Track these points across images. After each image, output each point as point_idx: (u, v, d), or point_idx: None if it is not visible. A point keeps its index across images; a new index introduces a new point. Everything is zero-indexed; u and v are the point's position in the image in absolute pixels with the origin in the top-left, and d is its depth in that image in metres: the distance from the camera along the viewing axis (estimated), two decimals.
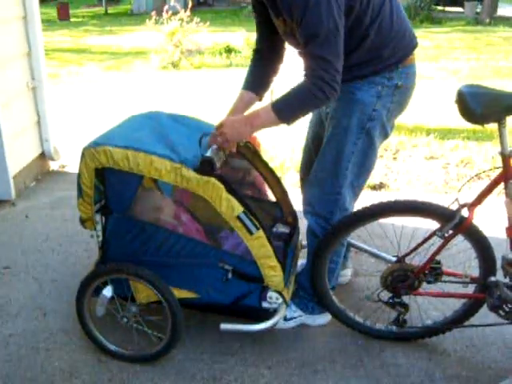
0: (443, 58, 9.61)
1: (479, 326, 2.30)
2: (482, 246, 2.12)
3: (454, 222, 2.04)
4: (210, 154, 1.99)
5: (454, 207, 2.07)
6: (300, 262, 2.59)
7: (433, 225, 2.12)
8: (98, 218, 2.18)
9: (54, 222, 3.50)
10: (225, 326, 2.19)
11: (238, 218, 2.01)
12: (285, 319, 2.39)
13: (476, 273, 2.19)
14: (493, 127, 1.96)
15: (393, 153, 4.68)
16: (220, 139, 2.06)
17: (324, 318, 2.47)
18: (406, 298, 2.26)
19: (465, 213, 2.05)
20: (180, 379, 2.18)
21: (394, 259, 2.28)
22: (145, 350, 2.28)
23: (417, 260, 2.22)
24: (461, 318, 2.27)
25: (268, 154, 4.44)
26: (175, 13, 9.45)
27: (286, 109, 1.99)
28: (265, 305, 2.16)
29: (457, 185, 4.04)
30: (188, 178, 1.97)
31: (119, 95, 7.22)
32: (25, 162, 4.02)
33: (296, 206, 2.54)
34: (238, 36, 11.00)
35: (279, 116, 1.98)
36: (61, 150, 4.45)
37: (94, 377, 2.20)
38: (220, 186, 1.97)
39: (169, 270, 2.15)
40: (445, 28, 14.80)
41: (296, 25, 1.90)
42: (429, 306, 2.49)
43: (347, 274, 2.78)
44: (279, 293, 2.14)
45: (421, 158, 4.57)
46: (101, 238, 2.22)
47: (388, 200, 2.16)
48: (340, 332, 2.43)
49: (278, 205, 2.57)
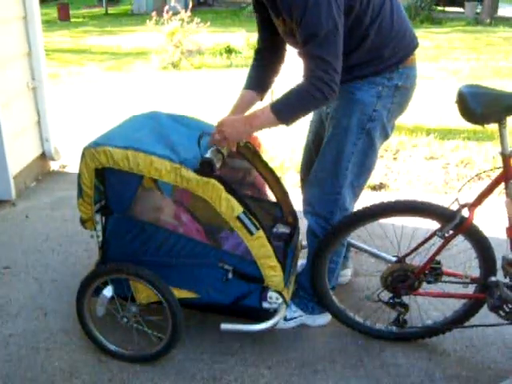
0: (443, 58, 9.61)
1: (479, 326, 2.30)
2: (482, 246, 2.12)
3: (454, 223, 2.04)
4: (210, 155, 1.98)
5: (454, 207, 2.07)
6: (300, 262, 2.59)
7: (433, 225, 2.12)
8: (98, 218, 2.19)
9: (54, 222, 3.51)
10: (225, 326, 2.19)
11: (238, 219, 2.01)
12: (285, 319, 2.39)
13: (476, 273, 2.19)
14: (493, 127, 1.96)
15: (393, 153, 4.68)
16: (218, 136, 2.06)
17: (324, 318, 2.47)
18: (406, 298, 2.26)
19: (465, 213, 2.05)
20: (180, 379, 2.18)
21: (394, 259, 2.28)
22: (145, 350, 2.28)
23: (417, 260, 2.22)
24: (461, 319, 2.27)
25: (268, 155, 4.44)
26: (175, 13, 9.46)
27: (285, 110, 1.99)
28: (265, 305, 2.16)
29: (457, 185, 4.04)
30: (188, 178, 1.97)
31: (119, 95, 7.22)
32: (25, 162, 4.02)
33: (296, 206, 2.54)
34: (238, 36, 11.00)
35: (278, 117, 1.98)
36: (61, 150, 4.45)
37: (94, 377, 2.20)
38: (220, 187, 1.97)
39: (169, 270, 2.15)
40: (445, 28, 14.81)
41: (296, 25, 1.90)
42: (429, 307, 2.49)
43: (347, 274, 2.78)
44: (279, 293, 2.14)
45: (421, 158, 4.57)
46: (101, 238, 2.22)
47: (388, 200, 2.16)
48: (340, 332, 2.43)
49: (278, 205, 2.57)
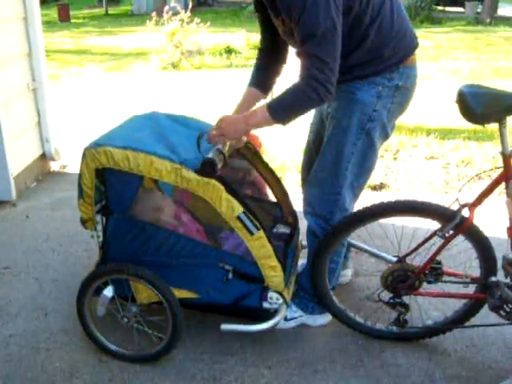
0: (443, 58, 9.61)
1: (480, 326, 2.30)
2: (482, 246, 2.11)
3: (454, 222, 2.04)
4: (212, 156, 1.98)
5: (454, 207, 2.07)
6: (300, 263, 2.59)
7: (433, 225, 2.12)
8: (99, 218, 2.19)
9: (55, 222, 3.51)
10: (225, 327, 2.19)
11: (238, 219, 2.01)
12: (285, 319, 2.39)
13: (477, 273, 2.19)
14: (493, 127, 1.96)
15: (393, 153, 4.68)
16: (215, 132, 2.07)
17: (324, 318, 2.47)
18: (406, 298, 2.26)
19: (465, 213, 2.05)
20: (180, 379, 2.18)
21: (394, 259, 2.28)
22: (145, 350, 2.28)
23: (417, 260, 2.22)
24: (461, 318, 2.27)
25: (269, 155, 4.44)
26: (175, 13, 9.45)
27: (281, 109, 1.99)
28: (265, 305, 2.16)
29: (457, 185, 4.04)
30: (188, 178, 1.97)
31: (120, 96, 7.22)
32: (26, 162, 4.02)
33: (296, 206, 2.54)
34: (238, 36, 11.00)
35: (273, 116, 1.98)
36: (61, 151, 4.45)
37: (94, 377, 2.20)
38: (220, 187, 1.97)
39: (169, 270, 2.15)
40: (445, 28, 14.81)
41: (294, 24, 1.90)
42: (429, 307, 2.49)
43: (347, 274, 2.78)
44: (280, 293, 2.14)
45: (421, 158, 4.57)
46: (101, 239, 2.22)
47: (388, 200, 2.16)
48: (340, 332, 2.43)
49: (278, 205, 2.57)
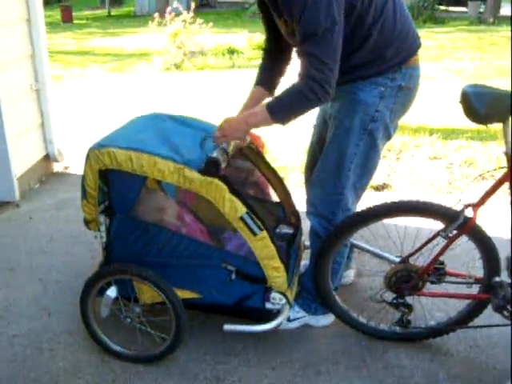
0: (446, 58, 9.59)
1: (483, 326, 2.29)
2: (486, 246, 2.11)
3: (457, 223, 2.04)
4: (216, 155, 1.99)
5: (457, 207, 2.06)
6: (303, 263, 2.59)
7: (436, 225, 2.12)
8: (102, 219, 2.19)
9: (58, 223, 3.51)
10: (228, 327, 2.19)
11: (241, 219, 2.02)
12: (288, 320, 2.39)
13: (480, 273, 2.19)
14: (497, 127, 1.96)
15: (396, 153, 4.67)
16: (218, 134, 2.09)
17: (327, 319, 2.47)
18: (409, 299, 2.26)
19: (469, 213, 2.04)
20: (183, 380, 2.18)
21: (397, 260, 2.28)
22: (148, 350, 2.28)
23: (420, 260, 2.21)
24: (465, 319, 2.27)
25: (271, 155, 4.43)
26: (178, 14, 9.46)
27: (279, 110, 2.00)
28: (268, 306, 2.16)
29: (460, 185, 4.04)
30: (191, 178, 1.97)
31: (122, 97, 7.23)
32: (29, 163, 4.03)
33: (299, 206, 2.54)
34: (240, 37, 11.01)
35: (272, 116, 1.99)
36: (64, 152, 4.46)
37: (97, 377, 2.20)
38: (223, 187, 1.98)
39: (172, 270, 2.15)
40: (448, 28, 14.78)
41: (295, 24, 1.89)
42: (432, 307, 2.49)
43: (350, 275, 2.77)
44: (282, 293, 2.14)
45: (424, 159, 4.56)
46: (105, 239, 2.22)
47: (391, 200, 2.16)
48: (343, 333, 2.42)
49: (281, 205, 2.57)
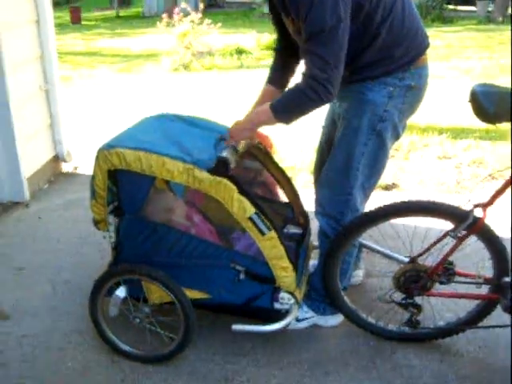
0: (455, 57, 9.54)
1: (493, 327, 2.28)
2: (495, 246, 2.10)
3: (467, 223, 2.03)
4: (226, 154, 1.99)
5: (467, 207, 2.06)
6: (312, 263, 2.59)
7: (446, 225, 2.11)
8: (111, 219, 2.20)
9: (67, 223, 3.53)
10: (237, 327, 2.20)
11: (250, 219, 2.02)
12: (297, 320, 2.39)
13: (489, 273, 2.18)
14: (506, 126, 1.95)
15: (404, 153, 4.65)
16: (229, 136, 2.12)
17: (336, 319, 2.47)
18: (418, 299, 2.25)
19: (478, 213, 2.04)
20: (192, 379, 2.19)
21: (406, 260, 2.27)
22: (157, 350, 2.29)
23: (429, 261, 2.21)
24: (474, 319, 2.26)
25: (280, 155, 4.43)
26: (186, 15, 9.47)
27: (282, 109, 2.00)
28: (277, 306, 2.16)
29: (469, 185, 4.02)
30: (200, 178, 1.98)
31: (131, 97, 7.25)
32: (38, 164, 4.05)
33: (308, 206, 2.53)
34: (248, 37, 11.01)
35: (275, 115, 2.00)
36: (73, 152, 4.48)
37: (107, 377, 2.21)
38: (232, 187, 1.98)
39: (181, 270, 2.15)
40: (456, 27, 14.70)
41: (302, 22, 1.89)
42: (442, 307, 2.48)
43: (359, 275, 2.77)
44: (291, 293, 2.14)
45: (433, 158, 4.54)
46: (114, 239, 2.23)
47: (400, 200, 2.15)
48: (352, 333, 2.42)
49: (290, 205, 2.57)
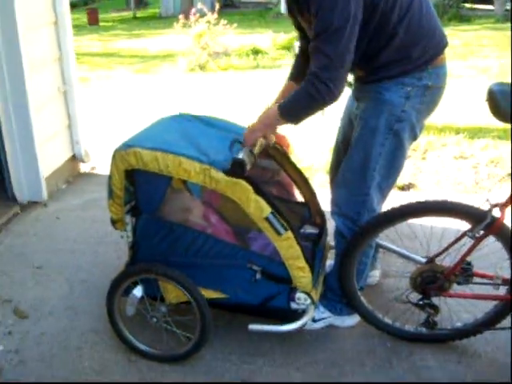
0: (472, 56, 9.45)
1: (511, 328, 2.26)
2: None
3: (485, 223, 2.01)
4: (242, 156, 2.00)
5: (484, 207, 2.04)
6: (328, 263, 2.58)
7: (463, 225, 2.10)
8: (128, 218, 2.21)
9: (85, 223, 3.56)
10: (253, 327, 2.20)
11: (267, 219, 2.02)
12: (313, 320, 2.39)
13: (508, 274, 2.16)
14: None
15: (422, 152, 4.62)
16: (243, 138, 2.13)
17: (352, 319, 2.46)
18: (435, 300, 2.24)
19: (496, 213, 2.02)
20: (209, 379, 2.19)
21: (423, 260, 2.26)
22: (174, 349, 2.30)
23: (447, 261, 2.19)
24: (492, 320, 2.24)
25: (297, 156, 4.42)
26: (202, 15, 9.51)
27: (289, 110, 2.01)
28: (293, 306, 2.16)
29: (487, 185, 3.98)
30: (217, 179, 1.98)
31: (148, 98, 7.28)
32: (56, 164, 4.09)
33: (324, 206, 2.53)
34: (264, 37, 11.00)
35: (282, 116, 2.01)
36: (91, 153, 4.52)
37: (124, 376, 2.23)
38: (248, 188, 1.98)
39: (197, 270, 2.16)
40: (474, 26, 14.54)
41: (313, 19, 1.89)
42: (459, 308, 2.45)
43: (376, 275, 2.76)
44: (307, 294, 2.14)
45: (450, 158, 4.50)
46: (131, 239, 2.25)
47: (417, 200, 2.14)
48: (368, 333, 2.41)
49: (306, 205, 2.57)
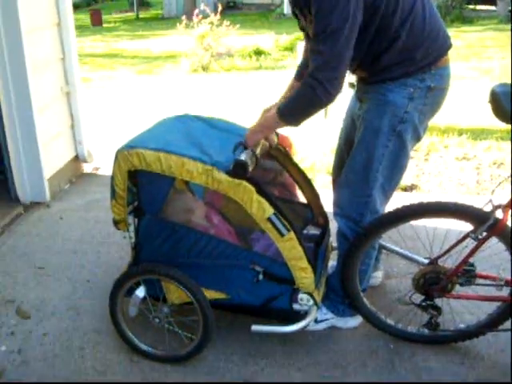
0: (475, 58, 9.44)
1: None
2: None
3: (487, 224, 2.01)
4: (244, 158, 1.99)
5: (487, 209, 2.04)
6: (331, 264, 2.58)
7: (466, 226, 2.09)
8: (131, 219, 2.22)
9: (87, 223, 3.56)
10: (256, 328, 2.20)
11: (269, 220, 2.02)
12: (315, 321, 2.39)
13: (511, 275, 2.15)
14: None
15: (424, 154, 4.62)
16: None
17: (355, 321, 2.46)
18: (438, 301, 2.23)
19: (499, 214, 2.02)
20: (211, 380, 2.19)
21: (426, 261, 2.26)
22: (176, 350, 2.30)
23: (450, 262, 2.19)
24: (495, 322, 2.23)
25: (299, 156, 4.43)
26: (205, 16, 9.52)
27: (287, 110, 2.00)
28: (295, 307, 2.16)
29: (490, 186, 3.97)
30: (219, 180, 1.99)
31: (151, 98, 7.30)
32: (59, 164, 4.09)
33: (327, 207, 2.53)
34: (267, 38, 11.03)
35: (281, 118, 2.00)
36: (94, 153, 4.52)
37: (126, 376, 2.23)
38: (251, 189, 1.98)
39: (200, 271, 2.16)
40: (476, 27, 14.53)
41: (313, 19, 1.89)
42: (462, 309, 2.45)
43: (378, 276, 2.75)
44: (310, 295, 2.14)
45: (453, 159, 4.50)
46: (133, 240, 2.25)
47: (420, 201, 2.14)
48: (371, 335, 2.41)
49: (309, 206, 2.57)
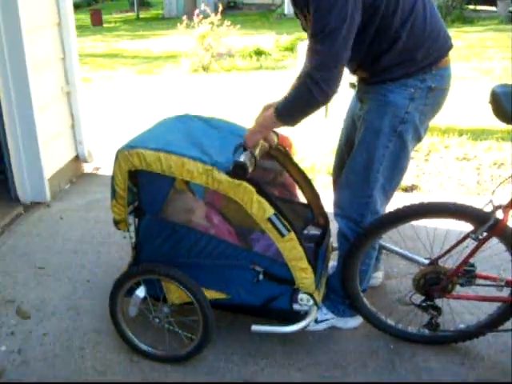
0: (476, 58, 9.44)
1: None
2: None
3: (488, 224, 2.01)
4: (243, 159, 1.99)
5: (488, 209, 2.04)
6: (331, 264, 2.58)
7: (466, 227, 2.09)
8: (132, 219, 2.22)
9: (88, 223, 3.56)
10: (256, 328, 2.20)
11: (269, 220, 2.02)
12: (316, 321, 2.39)
13: (511, 276, 2.15)
14: None
15: (425, 154, 4.62)
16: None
17: (355, 321, 2.46)
18: (438, 301, 2.23)
19: (499, 215, 2.02)
20: (211, 380, 2.19)
21: (426, 262, 2.26)
22: (176, 350, 2.30)
23: (450, 263, 2.19)
24: (495, 322, 2.23)
25: (299, 156, 4.43)
26: (206, 16, 9.52)
27: (283, 110, 2.00)
28: (296, 307, 2.16)
29: (490, 186, 3.97)
30: (219, 180, 1.98)
31: (151, 98, 7.30)
32: (60, 164, 4.09)
33: (327, 207, 2.53)
34: (267, 39, 11.03)
35: (278, 118, 2.00)
36: (94, 153, 4.52)
37: (126, 376, 2.23)
38: (251, 189, 1.98)
39: (200, 271, 2.16)
40: (477, 27, 14.53)
41: (311, 17, 1.88)
42: (462, 310, 2.45)
43: (379, 277, 2.75)
44: (310, 295, 2.14)
45: (453, 160, 4.51)
46: (134, 240, 2.25)
47: (420, 202, 2.14)
48: (371, 335, 2.41)
49: (309, 207, 2.57)
